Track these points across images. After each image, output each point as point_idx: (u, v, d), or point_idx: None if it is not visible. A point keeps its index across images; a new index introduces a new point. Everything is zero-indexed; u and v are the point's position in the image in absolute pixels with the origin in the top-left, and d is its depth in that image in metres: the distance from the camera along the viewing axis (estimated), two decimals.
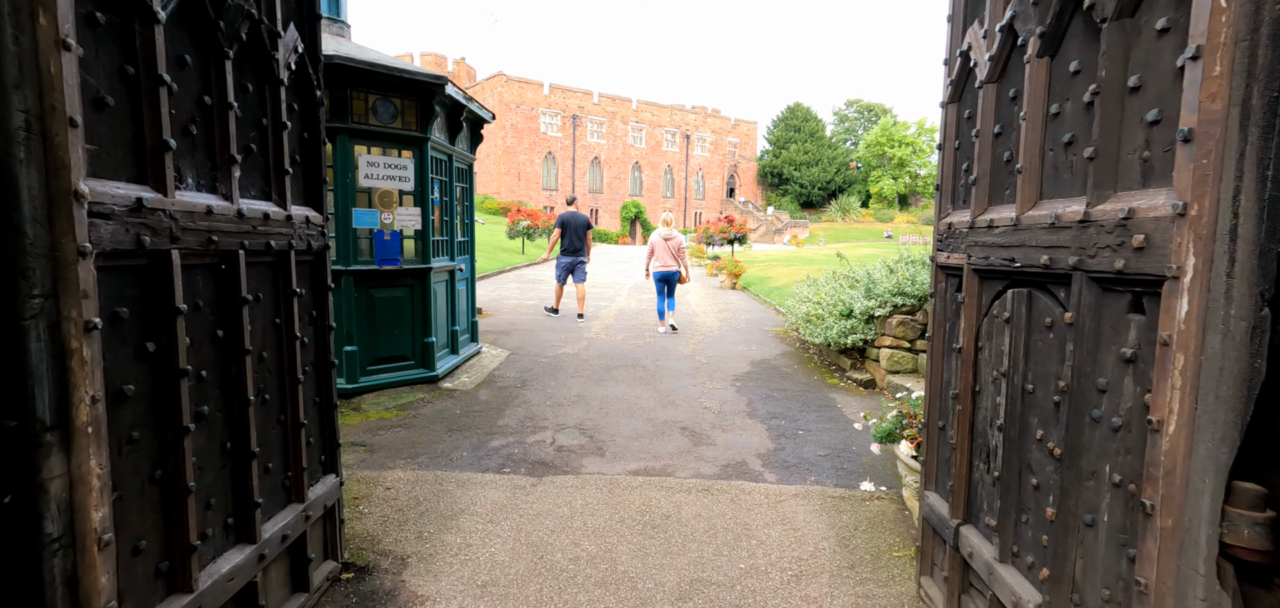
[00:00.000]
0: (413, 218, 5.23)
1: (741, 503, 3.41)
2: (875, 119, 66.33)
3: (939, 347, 2.59)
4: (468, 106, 5.82)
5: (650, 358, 6.99)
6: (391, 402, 5.00)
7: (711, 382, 6.01)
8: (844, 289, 6.79)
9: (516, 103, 50.26)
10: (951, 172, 2.52)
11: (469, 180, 6.62)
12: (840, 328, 6.15)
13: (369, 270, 5.02)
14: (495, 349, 7.18)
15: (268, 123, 2.28)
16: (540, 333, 8.34)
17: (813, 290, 7.68)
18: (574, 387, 5.70)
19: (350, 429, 4.39)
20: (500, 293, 12.82)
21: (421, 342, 5.43)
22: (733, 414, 5.00)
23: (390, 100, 4.98)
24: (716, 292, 14.61)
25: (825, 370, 6.56)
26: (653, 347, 7.63)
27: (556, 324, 9.09)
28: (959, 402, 2.34)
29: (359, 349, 5.03)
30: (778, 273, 16.69)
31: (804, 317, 7.14)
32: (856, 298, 6.25)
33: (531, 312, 10.21)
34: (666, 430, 4.58)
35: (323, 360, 2.72)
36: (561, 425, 4.64)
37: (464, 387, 5.55)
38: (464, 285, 6.53)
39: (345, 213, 4.85)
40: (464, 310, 6.53)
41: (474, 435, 4.37)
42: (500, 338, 7.91)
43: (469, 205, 6.63)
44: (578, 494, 3.47)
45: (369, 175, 4.95)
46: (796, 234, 50.27)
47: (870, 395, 5.64)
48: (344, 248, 4.88)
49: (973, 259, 2.25)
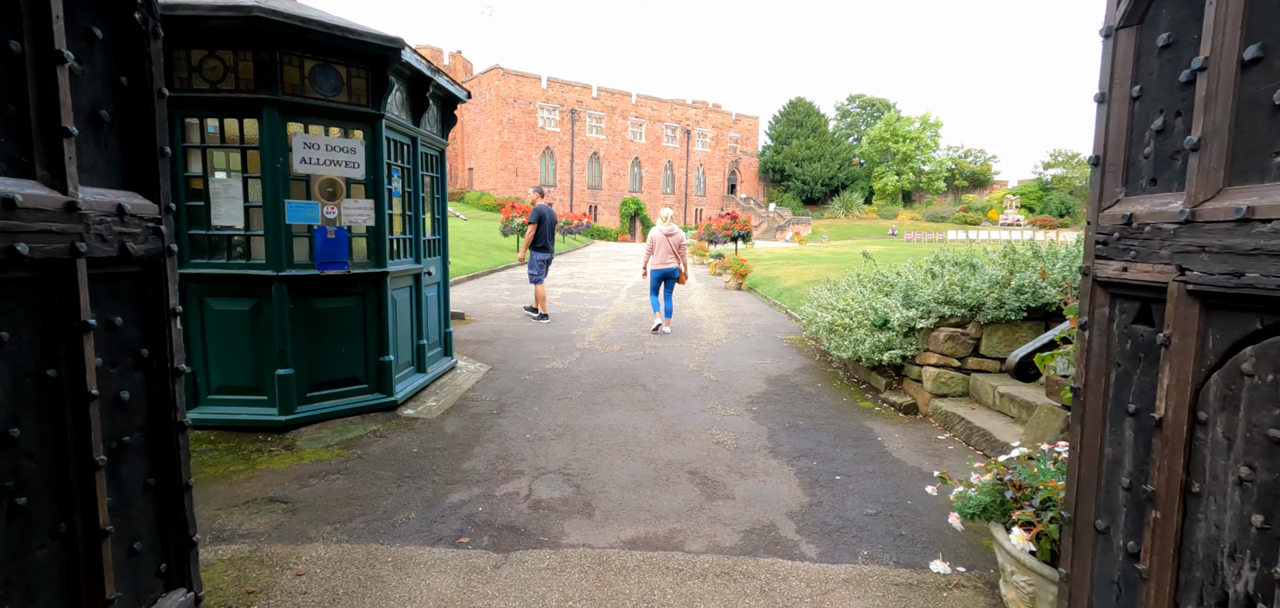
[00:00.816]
0: (363, 211, 4.32)
1: (776, 596, 2.51)
2: (878, 114, 65.37)
3: (1097, 405, 1.68)
4: (434, 80, 4.91)
5: (651, 374, 6.08)
6: (335, 436, 4.10)
7: (723, 405, 5.11)
8: (875, 296, 5.88)
9: (514, 97, 49.30)
10: (1125, 133, 1.61)
11: (440, 168, 5.71)
12: (874, 342, 5.24)
13: (308, 276, 4.12)
14: (473, 364, 6.28)
15: (22, 48, 1.38)
16: (526, 343, 7.43)
17: (835, 295, 6.78)
18: (561, 413, 4.79)
19: (273, 478, 3.49)
20: (489, 295, 11.91)
21: (376, 361, 4.52)
22: (752, 451, 4.10)
23: (332, 68, 4.07)
24: (721, 293, 13.71)
25: (855, 390, 5.65)
26: (653, 360, 6.72)
27: (545, 332, 8.19)
28: (1157, 505, 1.44)
29: (295, 373, 4.12)
30: (785, 272, 15.79)
31: (827, 326, 6.24)
32: (893, 306, 5.35)
33: (521, 317, 9.30)
34: (672, 476, 3.68)
35: (162, 420, 1.82)
36: (541, 469, 3.74)
37: (428, 414, 4.65)
38: (434, 292, 5.62)
39: (276, 205, 3.94)
40: (434, 321, 5.62)
41: (430, 485, 3.47)
42: (481, 349, 7.00)
43: (441, 198, 5.72)
44: (555, 582, 2.57)
45: (307, 160, 4.04)
46: (799, 231, 49.36)
47: (914, 425, 4.74)
48: (275, 249, 3.97)
49: (1191, 274, 1.34)
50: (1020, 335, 4.78)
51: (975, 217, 53.35)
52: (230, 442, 3.96)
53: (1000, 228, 46.78)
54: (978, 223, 51.19)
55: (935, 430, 4.59)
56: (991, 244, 6.93)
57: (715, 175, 61.19)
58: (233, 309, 4.04)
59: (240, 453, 3.82)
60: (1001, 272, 4.83)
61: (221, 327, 4.05)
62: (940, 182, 58.68)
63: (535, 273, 8.90)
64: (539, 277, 8.89)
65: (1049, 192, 54.54)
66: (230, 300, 4.04)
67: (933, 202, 59.26)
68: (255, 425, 4.07)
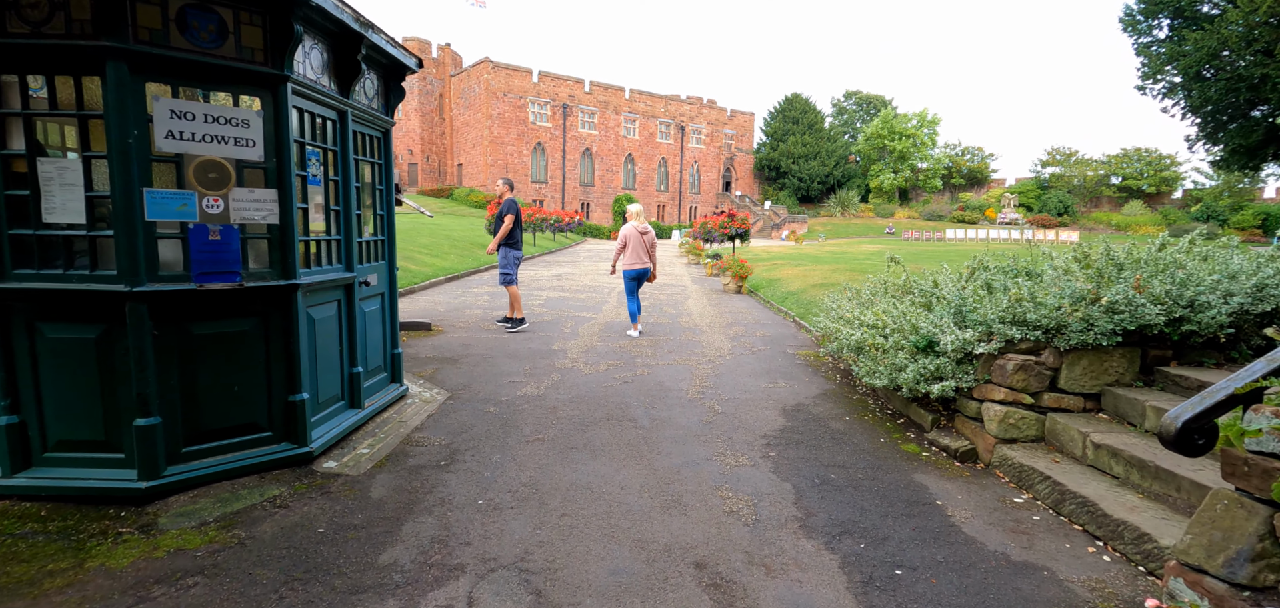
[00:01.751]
0: (262, 206, 3.26)
1: None
2: (874, 111, 64.58)
3: None
4: (366, 38, 3.84)
5: (643, 403, 5.05)
6: (216, 508, 3.04)
7: (733, 450, 4.09)
8: (914, 310, 4.87)
9: (504, 90, 48.07)
10: None
11: (384, 153, 4.65)
12: (918, 369, 4.23)
13: (182, 293, 3.05)
14: (429, 390, 5.22)
15: None
16: (498, 360, 6.38)
17: (862, 309, 5.77)
18: (527, 464, 3.75)
19: (102, 585, 2.42)
20: (465, 300, 10.83)
21: (283, 401, 3.46)
22: (777, 526, 3.08)
23: (211, 9, 3.01)
24: (720, 297, 12.69)
25: (892, 427, 4.64)
26: (646, 384, 5.69)
27: (521, 345, 7.14)
28: None
29: (164, 422, 3.06)
30: (788, 274, 14.82)
31: (853, 345, 5.23)
32: (942, 325, 4.34)
33: (497, 328, 8.24)
34: (671, 573, 2.65)
35: None
36: (491, 562, 2.70)
37: (354, 469, 3.59)
38: (376, 305, 4.56)
39: (129, 196, 2.88)
40: (376, 342, 4.56)
41: (326, 597, 2.42)
42: (443, 370, 5.94)
43: (386, 189, 4.66)
44: None
45: (177, 134, 2.98)
46: (795, 229, 48.46)
47: (978, 480, 3.73)
48: (130, 256, 2.90)
49: None
50: (1110, 365, 3.79)
51: (973, 215, 52.61)
52: (68, 519, 2.90)
53: (998, 226, 46.01)
54: (975, 221, 50.44)
55: (1008, 489, 3.59)
56: (1006, 244, 6.06)
57: (710, 172, 60.19)
58: (74, 337, 2.98)
59: (74, 539, 2.76)
60: (1086, 284, 3.83)
61: (60, 361, 2.99)
62: (937, 180, 57.94)
63: (509, 272, 7.92)
64: (513, 276, 7.93)
65: (1047, 190, 53.89)
66: (70, 326, 2.97)
67: (929, 200, 58.52)
68: (107, 494, 3.01)
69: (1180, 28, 14.63)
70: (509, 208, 7.82)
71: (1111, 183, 52.91)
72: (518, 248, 7.99)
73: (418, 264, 13.64)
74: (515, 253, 7.93)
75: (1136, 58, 16.81)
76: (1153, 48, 15.76)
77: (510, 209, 7.82)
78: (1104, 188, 52.91)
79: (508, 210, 7.81)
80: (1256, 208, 44.15)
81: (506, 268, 7.92)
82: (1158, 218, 48.01)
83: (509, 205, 7.83)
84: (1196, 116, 15.63)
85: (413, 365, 5.94)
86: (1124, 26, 16.61)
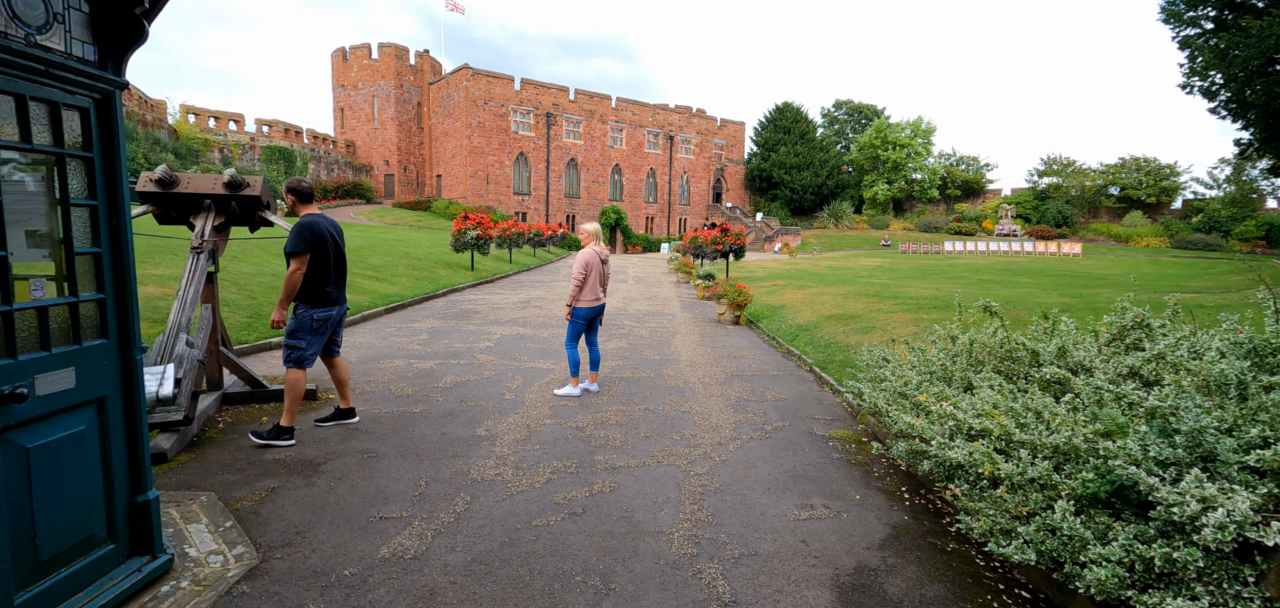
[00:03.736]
0: None
1: None
2: (866, 121, 63.20)
3: None
4: None
5: (595, 572, 2.92)
6: None
7: None
8: (1084, 425, 2.78)
9: (485, 98, 46.02)
10: None
11: (100, 140, 2.50)
12: (1123, 552, 2.13)
13: None
14: (220, 554, 3.03)
15: None
16: (382, 462, 4.21)
17: (954, 388, 3.66)
18: None
19: None
20: (397, 341, 8.61)
21: None
22: None
23: None
24: (715, 331, 10.57)
25: None
26: (605, 513, 3.56)
27: (428, 432, 4.97)
28: None
29: None
30: (792, 298, 12.76)
31: (958, 465, 3.13)
32: (1149, 452, 2.25)
33: (424, 379, 6.07)
34: None
35: None
36: None
37: None
38: (82, 426, 2.39)
39: None
40: (78, 498, 2.37)
41: None
42: (281, 489, 3.75)
43: (104, 206, 2.52)
44: None
45: None
46: (788, 242, 46.71)
47: None
48: None
49: None
50: None
51: (969, 227, 51.12)
52: None
53: (996, 238, 44.45)
54: (973, 233, 48.91)
55: None
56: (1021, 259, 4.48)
57: (700, 183, 58.42)
58: None
59: None
60: None
61: None
62: (933, 190, 56.51)
63: (301, 347, 4.41)
64: (307, 355, 4.43)
65: (1045, 201, 52.58)
66: None
67: (924, 211, 57.10)
68: None
69: (1234, 19, 12.94)
70: (302, 236, 4.30)
71: (1110, 193, 51.70)
72: (327, 307, 4.49)
73: (356, 293, 11.40)
74: (317, 315, 4.44)
75: (1180, 52, 15.07)
76: (1200, 39, 14.03)
77: (306, 239, 4.30)
78: (1103, 198, 51.67)
79: (301, 246, 4.28)
80: (1260, 219, 42.95)
81: (299, 340, 4.40)
82: (1159, 228, 46.76)
83: (303, 232, 4.32)
84: (1247, 117, 13.83)
85: (231, 484, 3.76)
86: (1165, 16, 14.90)
